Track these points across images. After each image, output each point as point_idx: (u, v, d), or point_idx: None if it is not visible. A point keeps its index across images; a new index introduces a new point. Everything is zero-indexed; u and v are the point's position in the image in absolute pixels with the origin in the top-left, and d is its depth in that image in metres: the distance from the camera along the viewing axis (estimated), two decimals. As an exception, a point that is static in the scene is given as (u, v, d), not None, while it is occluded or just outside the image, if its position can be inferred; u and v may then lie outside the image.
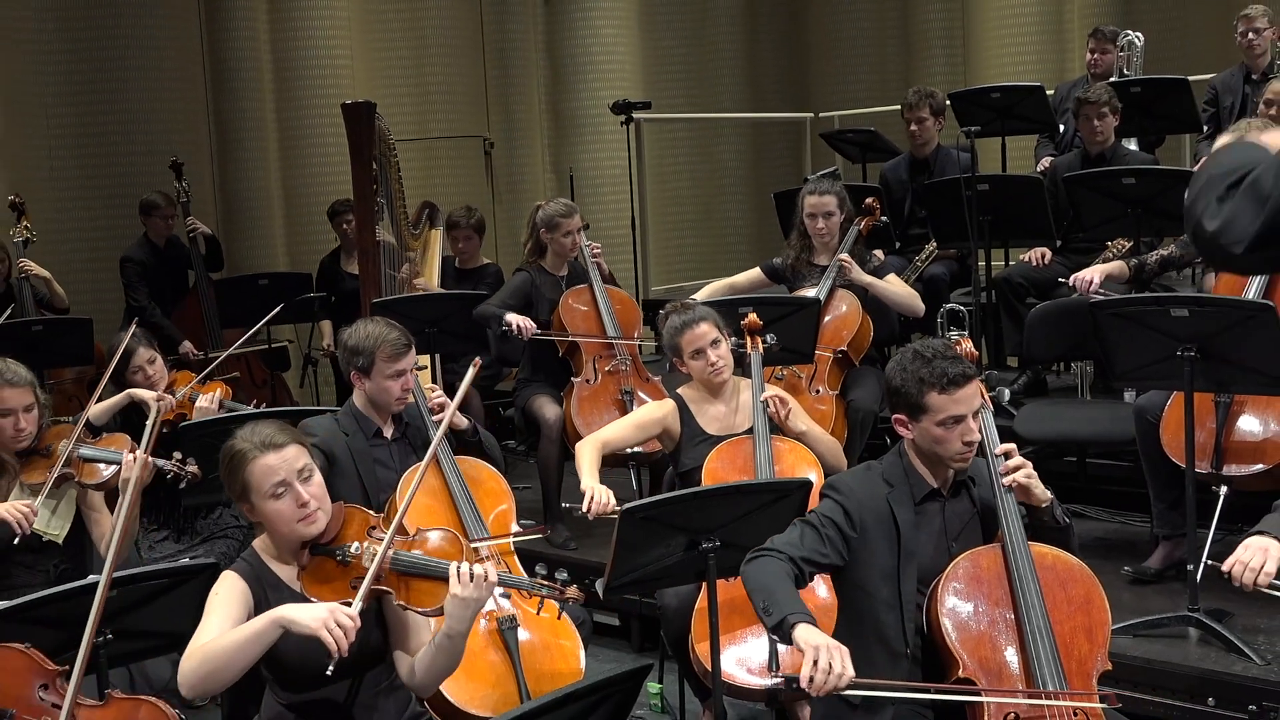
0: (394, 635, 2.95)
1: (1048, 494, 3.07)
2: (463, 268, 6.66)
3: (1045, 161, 6.65)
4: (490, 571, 2.78)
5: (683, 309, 4.25)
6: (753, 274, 5.50)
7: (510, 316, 5.22)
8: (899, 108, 6.55)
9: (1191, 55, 8.30)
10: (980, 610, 2.90)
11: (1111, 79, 6.80)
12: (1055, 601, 2.90)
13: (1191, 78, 6.66)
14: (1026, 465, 3.03)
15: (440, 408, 4.05)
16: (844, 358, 5.06)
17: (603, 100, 8.87)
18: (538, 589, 2.89)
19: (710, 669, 3.31)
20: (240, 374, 6.81)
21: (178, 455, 4.01)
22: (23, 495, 3.91)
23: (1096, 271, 4.76)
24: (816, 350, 4.87)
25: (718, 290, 5.42)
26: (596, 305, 5.36)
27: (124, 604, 3.06)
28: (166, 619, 3.08)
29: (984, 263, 6.12)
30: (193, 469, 4.01)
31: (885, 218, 5.93)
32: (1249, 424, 4.00)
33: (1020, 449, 3.14)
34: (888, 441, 3.86)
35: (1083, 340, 4.83)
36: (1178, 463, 3.99)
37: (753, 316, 4.36)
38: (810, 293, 5.08)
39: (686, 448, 4.17)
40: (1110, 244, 5.02)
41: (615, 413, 4.97)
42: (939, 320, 5.93)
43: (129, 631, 3.10)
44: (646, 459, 4.89)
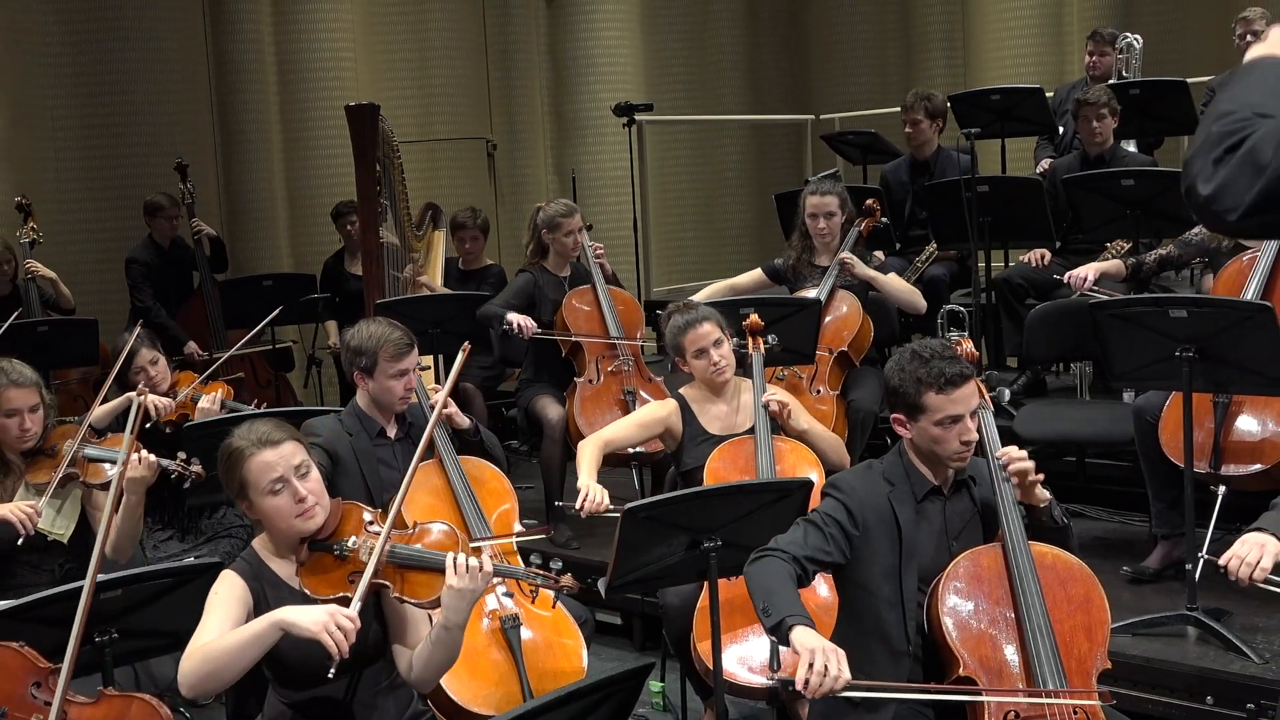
0: (393, 630, 2.96)
1: (1047, 494, 3.08)
2: (466, 269, 6.68)
3: (1045, 163, 6.65)
4: (486, 562, 2.79)
5: (686, 309, 4.27)
6: (754, 275, 5.52)
7: (511, 316, 5.23)
8: (899, 110, 6.57)
9: (1190, 57, 8.29)
10: (981, 609, 2.90)
11: (1110, 81, 6.80)
12: (1055, 600, 2.91)
13: (1190, 80, 6.66)
14: (1030, 462, 3.04)
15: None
16: (844, 358, 5.08)
17: (605, 102, 8.86)
18: (532, 577, 2.91)
19: (712, 668, 3.32)
20: (245, 374, 6.83)
21: (182, 455, 4.03)
22: (28, 495, 3.93)
23: (1091, 269, 4.75)
24: (817, 350, 4.89)
25: (719, 291, 5.43)
26: (599, 306, 5.38)
27: (129, 603, 3.08)
28: (171, 618, 3.09)
29: (984, 264, 6.14)
30: (197, 469, 4.02)
31: (886, 219, 5.94)
32: (1247, 424, 4.01)
33: (1020, 449, 3.13)
34: (888, 441, 3.87)
35: (1082, 341, 4.83)
36: (1176, 462, 4.00)
37: (754, 317, 4.37)
38: (811, 293, 5.10)
39: (688, 447, 4.19)
40: (1109, 245, 5.02)
41: (617, 413, 4.98)
42: (939, 321, 5.94)
43: (134, 630, 3.12)
44: (649, 459, 4.91)
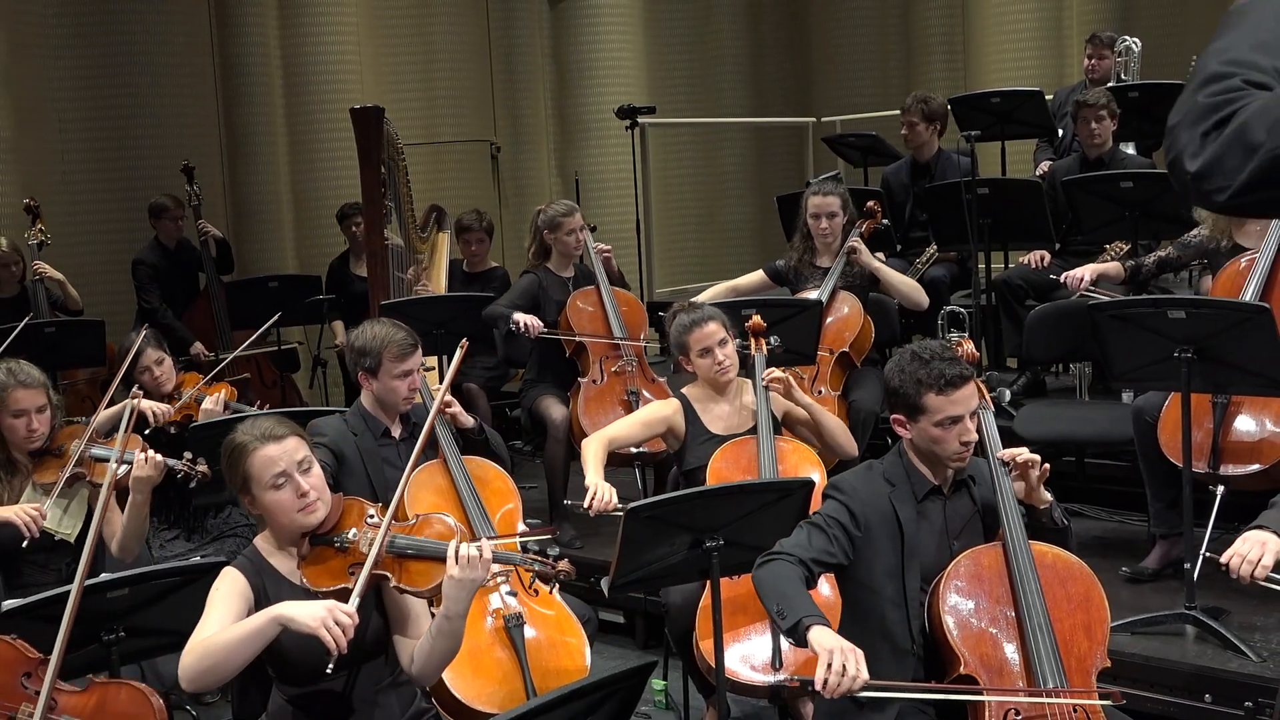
0: (394, 622, 2.97)
1: (1049, 496, 3.10)
2: (471, 271, 6.70)
3: (1044, 165, 6.66)
4: (485, 548, 2.80)
5: (691, 308, 4.29)
6: (756, 276, 5.54)
7: (518, 315, 5.26)
8: (900, 112, 6.59)
9: (1189, 60, 8.27)
10: (981, 608, 2.92)
11: (1109, 84, 6.82)
12: (1055, 599, 2.92)
13: (1189, 82, 6.67)
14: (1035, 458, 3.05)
15: (447, 405, 4.09)
16: (846, 359, 5.10)
17: (608, 105, 8.87)
18: (530, 564, 2.92)
19: (714, 666, 3.33)
20: (250, 375, 6.85)
21: (188, 455, 4.05)
22: (35, 495, 3.95)
23: (1088, 270, 4.76)
24: (819, 351, 4.92)
25: (721, 292, 5.44)
26: (603, 306, 5.40)
27: (135, 602, 3.11)
28: (177, 617, 3.10)
29: (984, 265, 6.16)
30: (203, 469, 4.04)
31: (886, 221, 5.96)
32: (1246, 424, 4.03)
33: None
34: (889, 441, 3.89)
35: (1081, 342, 4.85)
36: (1175, 462, 4.01)
37: (757, 318, 4.38)
38: (813, 295, 5.13)
39: (691, 447, 4.21)
40: (1108, 247, 5.03)
41: (621, 413, 4.98)
42: (939, 322, 5.96)
43: (140, 629, 3.15)
44: (651, 458, 4.93)
